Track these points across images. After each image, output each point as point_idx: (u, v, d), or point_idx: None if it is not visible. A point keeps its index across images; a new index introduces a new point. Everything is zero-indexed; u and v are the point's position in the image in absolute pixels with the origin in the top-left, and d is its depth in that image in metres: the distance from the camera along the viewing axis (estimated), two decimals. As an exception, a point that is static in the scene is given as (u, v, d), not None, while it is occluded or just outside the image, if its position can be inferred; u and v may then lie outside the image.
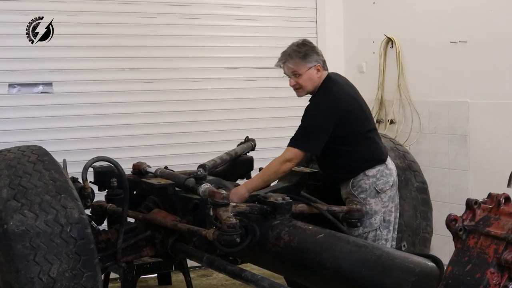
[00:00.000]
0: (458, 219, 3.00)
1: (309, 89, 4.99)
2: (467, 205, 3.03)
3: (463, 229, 2.99)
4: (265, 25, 7.90)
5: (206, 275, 7.12)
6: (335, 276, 3.92)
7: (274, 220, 4.44)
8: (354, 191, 4.93)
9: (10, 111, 6.69)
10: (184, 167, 5.76)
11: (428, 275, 3.47)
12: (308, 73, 4.93)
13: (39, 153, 4.17)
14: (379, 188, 4.92)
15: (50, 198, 3.83)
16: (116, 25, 7.10)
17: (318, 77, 4.96)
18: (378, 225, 4.94)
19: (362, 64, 8.07)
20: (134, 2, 7.18)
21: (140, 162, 5.35)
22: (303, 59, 4.92)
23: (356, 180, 4.93)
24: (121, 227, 4.53)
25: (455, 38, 6.93)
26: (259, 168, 5.69)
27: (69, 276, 3.71)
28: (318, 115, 4.85)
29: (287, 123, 7.80)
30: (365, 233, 4.92)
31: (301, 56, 4.93)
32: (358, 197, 4.91)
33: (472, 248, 2.95)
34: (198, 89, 7.56)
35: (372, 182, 4.92)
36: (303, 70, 4.92)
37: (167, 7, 7.35)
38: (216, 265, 4.34)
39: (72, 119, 6.93)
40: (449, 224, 3.00)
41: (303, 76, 4.94)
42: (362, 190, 4.92)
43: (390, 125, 7.70)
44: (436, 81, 7.25)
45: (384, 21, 7.81)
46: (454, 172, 7.03)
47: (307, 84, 4.96)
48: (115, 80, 7.14)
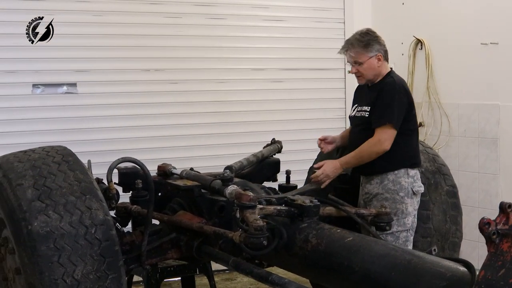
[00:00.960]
0: (492, 223, 2.95)
1: (370, 77, 5.09)
2: (500, 209, 2.97)
3: (496, 233, 2.94)
4: (292, 26, 7.86)
5: (230, 279, 7.07)
6: (363, 280, 3.84)
7: (302, 223, 4.37)
8: (394, 186, 4.97)
9: (34, 112, 6.70)
10: (210, 169, 5.73)
11: (459, 280, 3.39)
12: (369, 62, 5.04)
13: (64, 154, 4.15)
14: (415, 190, 5.01)
15: (74, 199, 3.82)
16: (142, 26, 7.09)
17: (379, 66, 5.08)
18: (410, 226, 5.01)
19: (390, 65, 7.89)
20: (160, 2, 7.17)
21: (165, 164, 5.32)
22: (365, 48, 5.04)
23: (397, 177, 4.99)
24: (146, 229, 4.49)
25: (486, 40, 6.85)
26: (286, 171, 5.64)
27: (94, 278, 3.69)
28: (398, 95, 4.99)
29: (314, 125, 7.79)
30: (398, 231, 4.96)
31: (363, 45, 5.04)
32: (398, 195, 4.96)
33: (506, 252, 2.90)
34: (224, 90, 7.53)
35: (410, 182, 5.00)
36: (364, 59, 5.04)
37: (193, 7, 7.32)
38: (243, 268, 4.28)
39: (97, 120, 6.93)
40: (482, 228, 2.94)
41: (364, 65, 5.05)
42: (402, 188, 4.98)
43: (419, 128, 7.59)
44: (466, 83, 7.16)
45: (413, 22, 7.74)
46: (484, 176, 6.94)
47: (368, 73, 5.07)
48: (140, 81, 7.13)
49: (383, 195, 5.00)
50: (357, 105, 5.22)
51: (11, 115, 6.60)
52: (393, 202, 4.98)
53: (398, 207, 4.98)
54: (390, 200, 4.98)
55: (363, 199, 5.16)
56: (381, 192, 5.01)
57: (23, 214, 3.72)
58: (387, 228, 4.79)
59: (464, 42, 7.14)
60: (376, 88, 5.10)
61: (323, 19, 8.01)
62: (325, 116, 7.79)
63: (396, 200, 4.98)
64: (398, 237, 4.95)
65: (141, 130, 7.11)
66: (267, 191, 5.16)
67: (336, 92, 7.99)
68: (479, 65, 6.98)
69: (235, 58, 7.57)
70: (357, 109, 5.19)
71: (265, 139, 6.20)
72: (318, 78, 7.95)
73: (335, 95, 7.93)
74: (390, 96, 4.97)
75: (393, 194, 4.98)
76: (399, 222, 4.95)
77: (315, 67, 7.92)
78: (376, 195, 5.02)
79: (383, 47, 5.11)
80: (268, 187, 5.37)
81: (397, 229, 4.95)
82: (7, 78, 6.59)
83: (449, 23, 7.33)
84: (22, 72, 6.63)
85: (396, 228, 4.94)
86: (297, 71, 7.86)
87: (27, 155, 4.14)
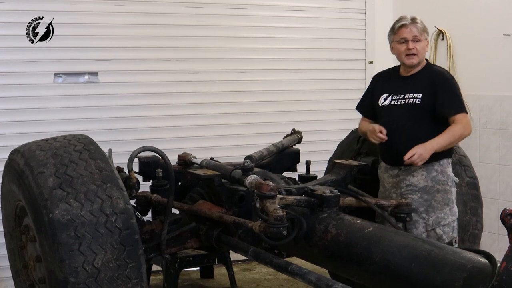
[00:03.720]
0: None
1: (421, 58, 5.06)
2: (521, 201, 2.95)
3: (518, 224, 2.91)
4: (313, 16, 7.82)
5: (249, 269, 7.08)
6: (383, 271, 3.84)
7: (321, 213, 4.37)
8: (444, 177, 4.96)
9: (55, 101, 6.72)
10: (230, 159, 5.73)
11: (480, 271, 3.38)
12: (424, 43, 5.05)
13: (85, 142, 4.16)
14: (455, 178, 5.06)
15: (95, 187, 3.83)
16: (163, 15, 7.08)
17: (426, 51, 5.10)
18: (457, 214, 5.04)
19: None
20: (181, -8, 7.16)
21: (185, 153, 5.33)
22: (424, 30, 5.06)
23: (443, 167, 4.98)
24: (165, 218, 4.50)
25: (508, 31, 6.79)
26: (305, 161, 5.64)
27: (113, 267, 3.70)
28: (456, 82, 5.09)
29: (334, 115, 7.78)
30: (452, 221, 4.99)
31: (423, 27, 5.05)
32: (448, 185, 4.97)
33: (527, 244, 2.87)
34: (244, 80, 7.51)
35: (451, 171, 5.04)
36: (422, 39, 5.03)
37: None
38: (262, 258, 4.28)
39: (118, 109, 6.94)
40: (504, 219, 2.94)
41: (421, 43, 5.02)
42: (449, 177, 5.00)
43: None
44: (487, 74, 7.11)
45: (435, 13, 7.67)
46: (505, 168, 6.89)
47: (422, 53, 5.05)
48: (161, 71, 7.13)
49: (434, 187, 4.95)
50: (389, 93, 5.09)
51: (33, 104, 6.62)
52: (445, 193, 4.96)
53: (449, 197, 4.98)
54: (442, 192, 4.95)
55: (401, 192, 5.02)
56: (431, 185, 4.95)
57: (44, 202, 3.74)
58: (407, 219, 4.78)
59: (486, 33, 7.08)
60: (422, 75, 5.03)
61: (344, 9, 7.96)
62: (345, 107, 7.73)
63: (447, 190, 4.97)
64: (453, 226, 4.98)
65: (162, 120, 7.12)
66: (287, 181, 5.16)
67: (357, 82, 7.94)
68: (501, 56, 6.92)
69: (256, 48, 7.55)
70: (394, 98, 5.06)
71: (285, 129, 6.20)
72: (338, 68, 7.92)
73: (355, 85, 7.88)
74: (454, 85, 5.02)
75: (444, 185, 4.96)
76: (452, 212, 4.98)
77: (335, 58, 7.89)
78: (424, 188, 4.95)
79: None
80: (288, 177, 5.37)
81: (452, 219, 4.98)
82: (29, 67, 6.61)
83: (471, 14, 7.27)
84: (44, 61, 6.65)
85: (451, 218, 4.98)
86: (318, 61, 7.83)
87: (49, 144, 4.15)
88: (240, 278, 6.75)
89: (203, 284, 6.73)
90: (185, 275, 6.81)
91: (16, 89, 6.56)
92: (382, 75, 5.31)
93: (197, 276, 6.88)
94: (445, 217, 4.95)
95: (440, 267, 3.54)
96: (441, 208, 4.94)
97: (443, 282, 3.47)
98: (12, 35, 6.52)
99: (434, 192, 4.94)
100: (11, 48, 6.55)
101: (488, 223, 5.92)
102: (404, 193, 4.98)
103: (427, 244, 3.82)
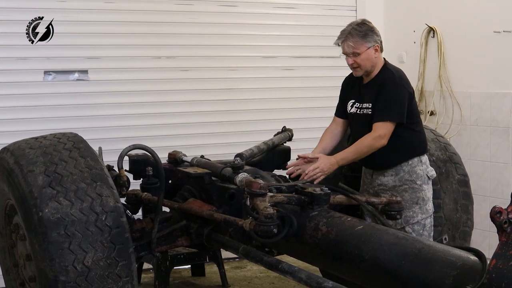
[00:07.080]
0: (503, 212, 2.95)
1: (367, 68, 4.97)
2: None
3: (508, 222, 2.93)
4: (304, 13, 7.81)
5: (240, 267, 7.08)
6: (374, 269, 3.84)
7: (312, 211, 4.37)
8: (411, 177, 4.97)
9: (45, 99, 6.69)
10: (220, 157, 5.72)
11: (470, 269, 3.38)
12: (367, 53, 4.91)
13: (75, 141, 4.16)
14: (430, 175, 5.03)
15: (85, 186, 3.83)
16: (153, 12, 7.06)
17: (376, 57, 4.96)
18: (431, 211, 5.04)
19: (402, 54, 7.93)
20: (171, -11, 7.15)
21: (176, 151, 5.32)
22: (363, 38, 4.90)
23: (412, 167, 4.98)
24: (156, 216, 4.50)
25: (499, 28, 6.78)
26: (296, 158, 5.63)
27: (104, 265, 3.70)
28: (399, 87, 4.92)
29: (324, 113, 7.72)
30: (423, 219, 4.98)
31: (361, 35, 4.91)
32: (416, 183, 4.97)
33: (517, 241, 2.88)
34: (235, 78, 7.50)
35: (424, 168, 5.01)
36: (362, 50, 4.90)
37: (205, -6, 7.30)
38: (252, 256, 4.29)
39: (108, 107, 6.92)
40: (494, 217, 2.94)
41: (361, 56, 4.91)
42: (418, 176, 4.98)
43: (430, 116, 7.58)
44: (478, 71, 7.11)
45: (425, 10, 7.69)
46: (496, 165, 6.90)
47: (365, 64, 4.94)
48: (151, 68, 7.11)
49: (401, 187, 4.99)
50: (354, 100, 5.10)
51: (22, 102, 6.59)
52: (413, 192, 4.98)
53: (419, 195, 4.99)
54: (410, 191, 4.98)
55: (374, 190, 5.10)
56: (398, 185, 4.99)
57: (34, 201, 3.74)
58: (397, 216, 4.79)
59: (476, 30, 7.08)
60: (375, 83, 5.00)
61: (334, 6, 7.95)
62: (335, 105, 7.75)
63: (415, 189, 4.98)
64: (424, 224, 4.98)
65: (152, 118, 7.09)
66: (277, 179, 5.15)
67: (348, 80, 7.94)
68: (492, 53, 6.91)
69: (246, 46, 7.54)
70: (356, 106, 5.07)
71: (276, 127, 6.20)
72: (329, 66, 7.89)
73: (346, 83, 7.88)
74: (392, 92, 4.89)
75: (411, 184, 4.97)
76: (422, 210, 4.98)
77: (326, 55, 7.87)
78: (393, 188, 5.00)
79: (379, 37, 4.98)
80: (279, 175, 5.36)
81: (421, 217, 4.98)
82: (19, 65, 6.58)
83: (462, 11, 7.27)
84: (34, 59, 6.62)
85: (421, 216, 4.98)
86: (308, 59, 7.83)
87: (39, 142, 4.15)
88: (231, 276, 6.75)
89: (194, 282, 6.72)
90: (176, 273, 6.81)
91: (6, 87, 6.54)
92: (349, 81, 5.28)
93: (188, 274, 6.88)
94: (413, 215, 4.98)
95: (430, 265, 3.54)
96: (409, 207, 4.96)
97: (433, 280, 3.47)
98: (1, 33, 6.50)
99: (402, 191, 4.97)
100: (0, 46, 6.52)
101: (478, 221, 5.93)
102: (377, 191, 5.05)
103: (418, 242, 3.82)
